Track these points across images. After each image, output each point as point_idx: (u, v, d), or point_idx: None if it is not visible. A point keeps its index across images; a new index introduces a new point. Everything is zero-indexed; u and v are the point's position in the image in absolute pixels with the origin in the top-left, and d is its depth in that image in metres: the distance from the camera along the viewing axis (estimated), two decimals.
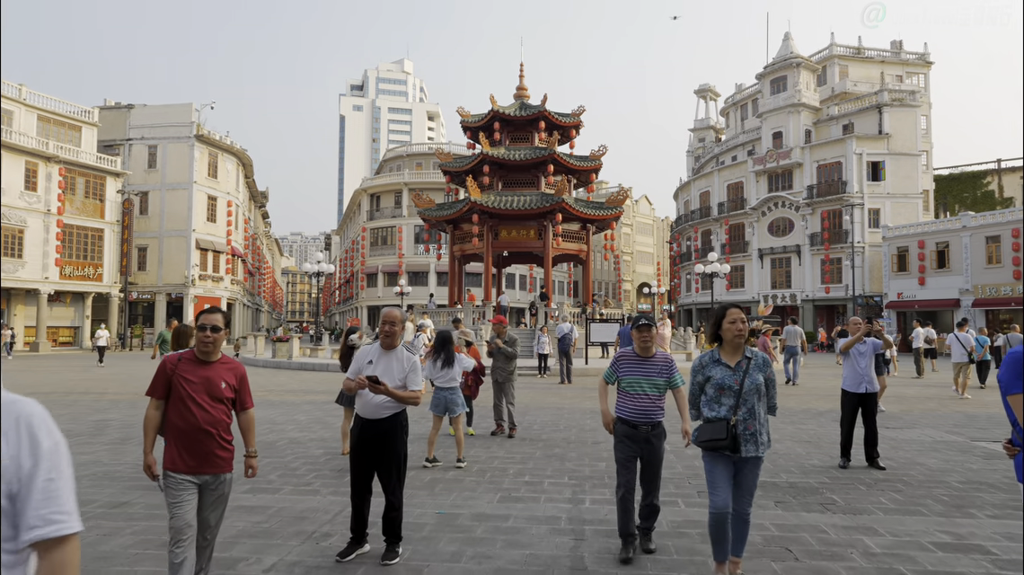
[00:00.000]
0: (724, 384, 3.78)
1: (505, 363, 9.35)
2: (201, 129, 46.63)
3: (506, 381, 9.29)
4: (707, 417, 3.83)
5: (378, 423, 4.27)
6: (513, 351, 9.36)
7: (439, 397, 7.39)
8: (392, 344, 4.43)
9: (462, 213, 27.17)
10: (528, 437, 9.09)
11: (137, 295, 45.12)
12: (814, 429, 9.94)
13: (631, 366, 4.41)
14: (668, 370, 4.41)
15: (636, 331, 4.41)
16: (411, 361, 4.40)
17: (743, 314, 3.87)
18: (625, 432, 4.41)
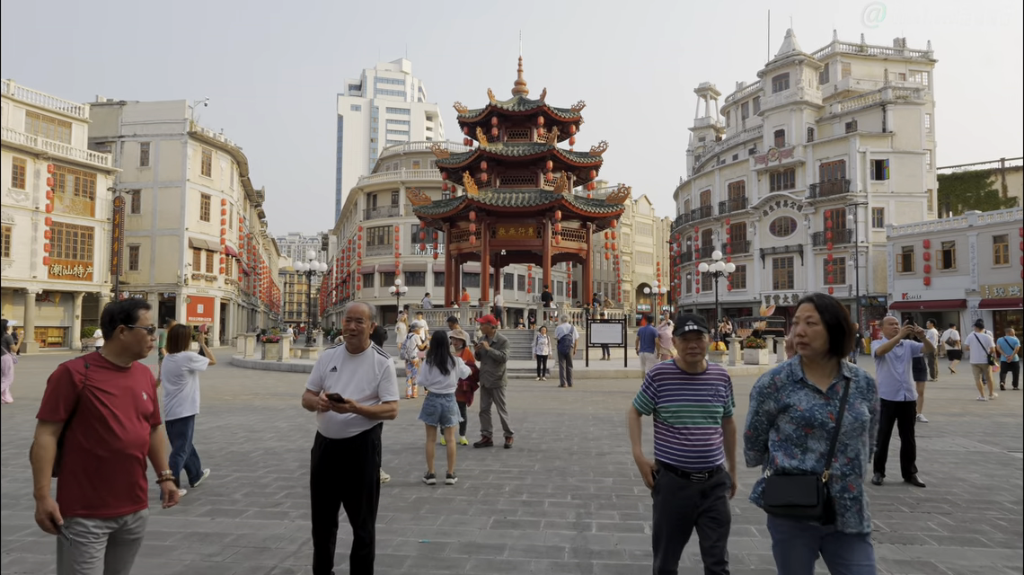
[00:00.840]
0: (813, 419, 2.49)
1: (493, 367, 8.57)
2: (194, 126, 45.89)
3: (495, 387, 8.53)
4: (783, 468, 2.52)
5: (343, 444, 3.52)
6: (502, 354, 8.57)
7: (434, 404, 6.65)
8: (359, 346, 3.67)
9: (459, 210, 26.43)
10: (526, 447, 8.34)
11: (129, 295, 44.21)
12: None
13: (675, 388, 3.13)
14: (726, 391, 3.19)
15: (681, 339, 3.11)
16: (384, 366, 3.65)
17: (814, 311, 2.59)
18: (672, 485, 3.10)
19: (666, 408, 3.15)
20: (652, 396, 3.21)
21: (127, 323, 2.80)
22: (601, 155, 27.91)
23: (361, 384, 3.55)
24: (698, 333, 3.10)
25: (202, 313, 46.49)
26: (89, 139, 43.54)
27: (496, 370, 8.54)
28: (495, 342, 8.64)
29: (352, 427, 3.51)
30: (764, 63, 50.49)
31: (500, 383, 8.55)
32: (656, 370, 3.25)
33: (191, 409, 6.21)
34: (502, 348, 8.60)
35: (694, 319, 3.13)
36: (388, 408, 3.58)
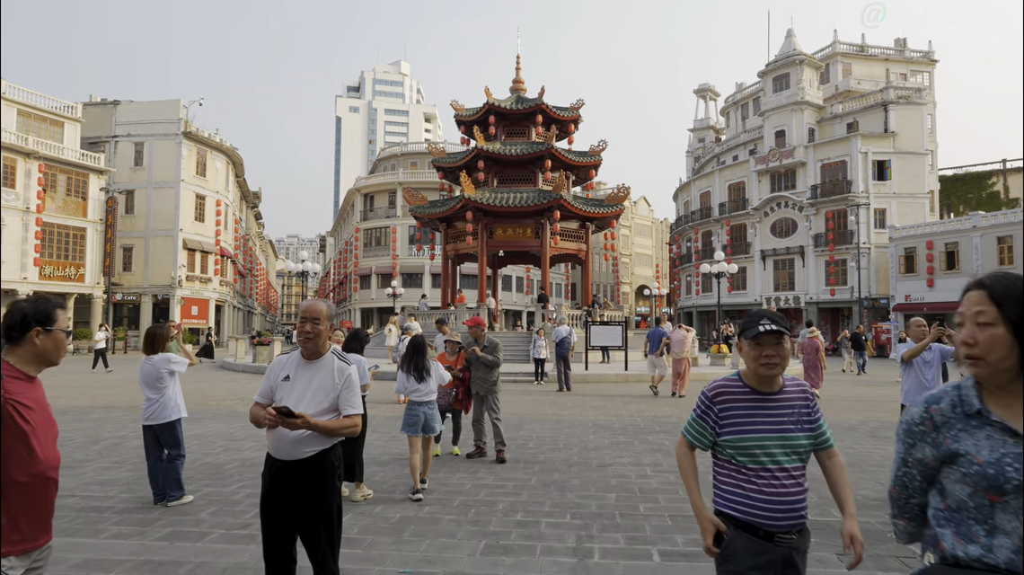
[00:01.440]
0: (1003, 478, 1.57)
1: (486, 372, 7.91)
2: (189, 126, 45.36)
3: (488, 393, 7.92)
4: (955, 557, 1.63)
5: (297, 466, 2.99)
6: (494, 358, 7.88)
7: (415, 414, 6.24)
8: (316, 350, 3.14)
9: (455, 210, 25.90)
10: (522, 458, 7.80)
11: (122, 296, 43.76)
12: (852, 447, 8.67)
13: (745, 413, 2.32)
14: (813, 413, 2.38)
15: (753, 344, 2.31)
16: (344, 374, 3.12)
17: (988, 304, 1.65)
18: (749, 549, 2.26)
19: (734, 442, 2.30)
20: (712, 424, 2.36)
21: (44, 325, 2.32)
22: (600, 154, 27.41)
23: (318, 395, 3.03)
24: (778, 335, 2.27)
25: (196, 315, 45.91)
26: (82, 139, 43.01)
27: (489, 375, 7.92)
28: (486, 346, 7.93)
29: (307, 446, 2.98)
30: (764, 63, 50.12)
31: (494, 389, 7.95)
32: (716, 388, 2.40)
33: (178, 412, 5.91)
34: (494, 352, 7.90)
35: (771, 317, 2.30)
36: (350, 423, 3.05)
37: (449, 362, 7.81)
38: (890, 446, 8.71)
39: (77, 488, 6.28)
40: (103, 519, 5.26)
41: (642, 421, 10.91)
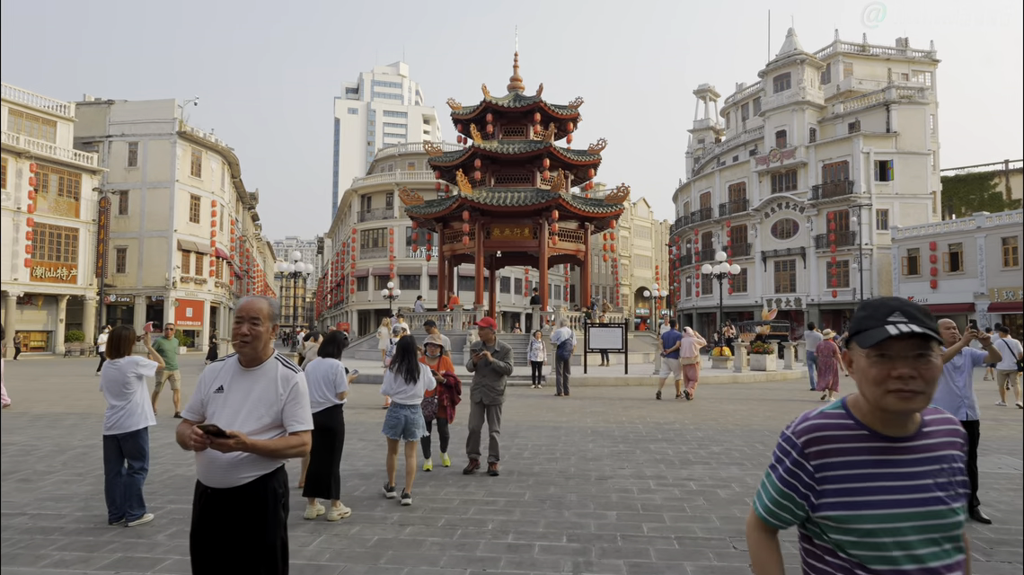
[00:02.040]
0: None
1: (494, 380, 7.14)
2: (184, 126, 44.86)
3: (493, 403, 7.13)
4: None
5: (231, 495, 2.48)
6: (507, 365, 7.08)
7: (397, 416, 6.00)
8: (255, 356, 2.60)
9: (452, 210, 25.41)
10: (515, 470, 7.28)
11: (116, 298, 43.22)
12: None
13: (860, 471, 1.44)
14: (962, 475, 1.49)
15: (877, 357, 1.43)
16: (291, 384, 2.59)
17: None
18: None
19: (842, 522, 1.43)
20: (804, 490, 1.48)
21: None
22: (600, 153, 26.93)
23: (257, 409, 2.51)
24: (924, 342, 1.40)
25: (191, 317, 45.40)
26: (76, 138, 42.51)
27: (497, 383, 7.15)
28: (497, 350, 7.15)
29: (243, 471, 2.47)
30: (765, 63, 49.66)
31: (500, 399, 7.20)
32: (810, 429, 1.50)
33: (145, 420, 5.42)
34: (506, 357, 7.12)
35: (907, 309, 1.44)
36: (297, 443, 2.53)
37: (432, 366, 7.25)
38: None
39: (29, 505, 5.76)
40: (48, 542, 4.75)
41: (643, 428, 10.40)
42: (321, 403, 5.53)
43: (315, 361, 5.78)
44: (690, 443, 9.01)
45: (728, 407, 13.36)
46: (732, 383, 18.78)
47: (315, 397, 5.54)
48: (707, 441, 9.19)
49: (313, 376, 5.60)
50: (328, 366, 5.66)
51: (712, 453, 8.27)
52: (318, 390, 5.55)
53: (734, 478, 6.89)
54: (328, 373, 5.62)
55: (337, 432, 5.62)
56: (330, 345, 5.92)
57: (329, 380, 5.60)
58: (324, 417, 5.49)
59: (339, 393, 5.63)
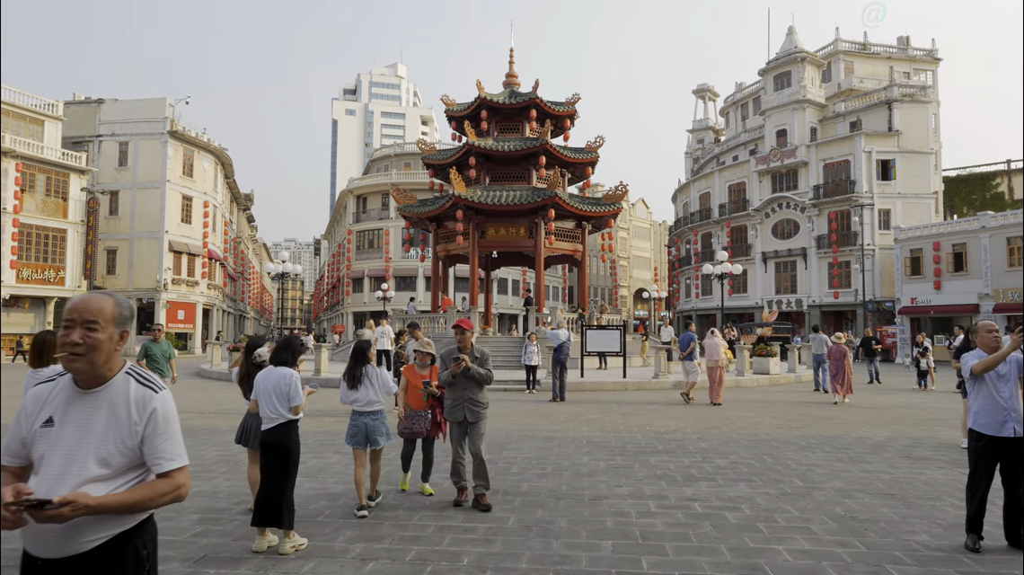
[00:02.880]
0: None
1: (475, 392, 5.93)
2: (175, 125, 44.17)
3: (477, 420, 5.91)
4: None
5: (71, 567, 1.79)
6: (487, 373, 5.91)
7: (356, 424, 5.76)
8: (93, 373, 1.91)
9: (445, 209, 24.73)
10: (501, 488, 6.58)
11: None
12: (886, 472, 7.46)
13: None
14: None
15: None
16: (148, 408, 1.91)
17: None
18: None
19: None
20: None
21: None
22: (597, 150, 26.25)
23: (104, 446, 1.84)
24: None
25: (183, 319, 44.68)
26: (65, 138, 41.82)
27: (480, 395, 5.96)
28: (477, 357, 5.95)
29: (88, 532, 1.78)
30: (765, 61, 49.04)
31: (484, 414, 5.99)
32: None
33: None
34: (485, 364, 5.96)
35: None
36: (167, 488, 1.87)
37: (422, 376, 6.27)
38: (933, 470, 7.51)
39: None
40: None
41: (643, 438, 9.70)
42: (273, 418, 4.84)
43: (266, 370, 5.05)
44: (693, 455, 8.32)
45: (732, 414, 12.67)
46: (734, 387, 18.10)
47: (265, 411, 4.86)
48: (711, 453, 8.50)
49: (263, 387, 4.90)
50: (280, 376, 4.92)
51: (717, 467, 7.58)
52: (268, 403, 4.85)
53: (743, 498, 6.20)
54: (280, 384, 4.88)
55: (291, 452, 4.88)
56: (283, 351, 5.12)
57: (281, 392, 4.86)
58: (276, 434, 4.82)
59: (293, 407, 4.87)
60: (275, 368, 5.01)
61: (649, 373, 19.85)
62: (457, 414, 5.91)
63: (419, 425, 6.23)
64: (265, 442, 4.86)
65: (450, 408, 5.96)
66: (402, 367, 6.91)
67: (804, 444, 9.21)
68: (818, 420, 11.79)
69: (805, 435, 10.05)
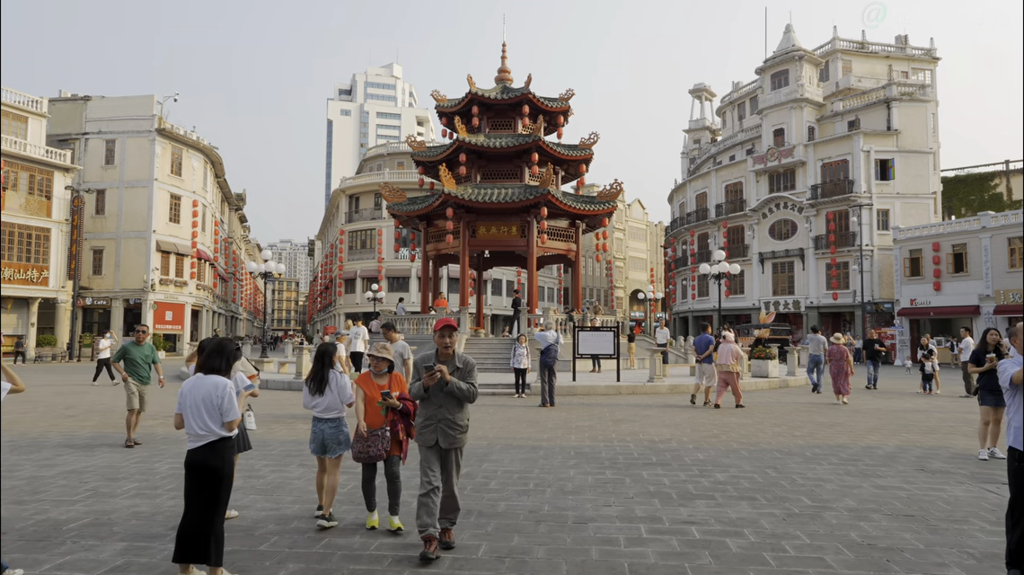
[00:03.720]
0: None
1: (455, 411, 4.69)
2: (163, 123, 43.39)
3: (454, 446, 4.70)
4: None
5: None
6: (470, 388, 4.68)
7: (315, 431, 5.49)
8: None
9: (434, 207, 24.03)
10: (475, 508, 5.89)
11: (92, 301, 41.69)
12: (902, 487, 6.79)
13: None
14: None
15: None
16: None
17: None
18: None
19: None
20: None
21: None
22: (591, 147, 25.58)
23: None
24: None
25: (171, 320, 43.89)
26: (51, 136, 41.08)
27: (459, 416, 4.72)
28: (460, 367, 4.72)
29: None
30: (762, 60, 48.48)
31: (463, 439, 4.78)
32: None
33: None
34: (469, 376, 4.73)
35: None
36: None
37: (380, 386, 5.25)
38: (952, 485, 6.84)
39: None
40: None
41: (635, 447, 9.03)
42: (201, 436, 4.08)
43: (194, 379, 4.24)
44: (689, 468, 7.64)
45: (731, 420, 12.01)
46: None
47: (192, 427, 4.11)
48: (709, 465, 7.83)
49: (190, 399, 4.13)
50: (212, 386, 4.14)
51: (716, 483, 6.90)
52: (197, 418, 4.10)
53: (745, 520, 5.53)
54: (211, 395, 4.11)
55: (223, 475, 4.11)
56: (215, 357, 4.30)
57: (212, 405, 4.10)
58: (204, 455, 4.08)
59: (227, 422, 4.11)
60: (205, 377, 4.21)
61: (644, 376, 19.19)
62: (428, 437, 4.68)
63: (377, 446, 5.19)
64: (192, 464, 4.11)
65: (420, 429, 4.75)
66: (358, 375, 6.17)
67: (809, 455, 8.55)
68: (822, 427, 11.13)
69: (810, 444, 9.39)
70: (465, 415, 4.78)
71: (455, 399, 4.67)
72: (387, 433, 5.20)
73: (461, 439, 4.75)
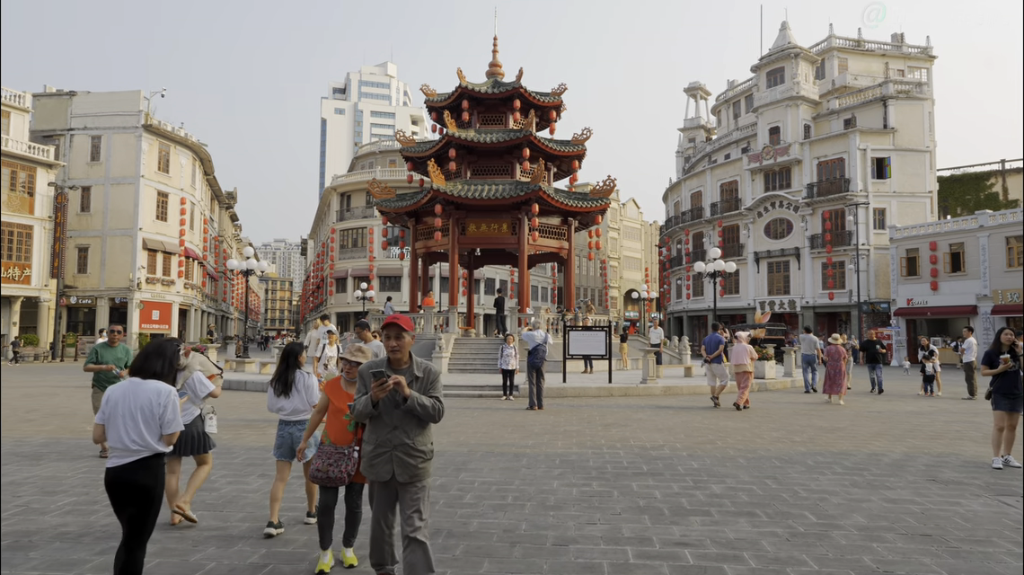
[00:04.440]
0: None
1: (414, 432, 3.60)
2: (150, 118, 42.60)
3: (413, 480, 3.58)
4: None
5: None
6: (431, 404, 3.53)
7: (282, 435, 5.24)
8: None
9: (423, 204, 23.41)
10: (444, 527, 5.29)
11: (77, 300, 40.90)
12: (915, 501, 6.21)
13: None
14: None
15: None
16: None
17: None
18: None
19: None
20: None
21: None
22: (584, 143, 25.00)
23: None
24: None
25: (157, 320, 43.11)
26: (35, 131, 40.33)
27: (419, 439, 3.60)
28: (420, 376, 3.64)
29: None
30: (758, 57, 48.02)
31: (425, 471, 3.62)
32: None
33: None
34: (432, 388, 3.63)
35: None
36: None
37: (349, 396, 4.41)
38: (969, 498, 6.27)
39: None
40: None
41: (625, 455, 8.44)
42: (135, 451, 3.39)
43: (126, 384, 3.54)
44: (683, 479, 7.06)
45: (727, 424, 11.44)
46: (729, 393, 16.88)
47: (122, 439, 3.40)
48: (704, 475, 7.25)
49: (122, 406, 3.43)
50: (152, 393, 3.48)
51: (712, 496, 6.32)
52: (130, 430, 3.39)
53: (745, 540, 4.95)
54: (151, 404, 3.46)
55: (154, 496, 3.46)
56: (155, 360, 3.63)
57: (152, 415, 3.44)
58: (134, 472, 3.39)
59: (168, 435, 3.48)
60: (142, 382, 3.54)
61: (636, 377, 18.62)
62: (381, 469, 3.54)
63: (339, 467, 4.20)
64: (117, 483, 3.39)
65: (370, 459, 3.58)
66: None
67: (811, 463, 7.98)
68: (822, 432, 10.57)
69: (811, 451, 8.82)
70: (428, 438, 3.64)
71: (414, 418, 3.54)
72: (355, 454, 4.21)
73: (424, 469, 3.58)
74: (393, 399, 3.48)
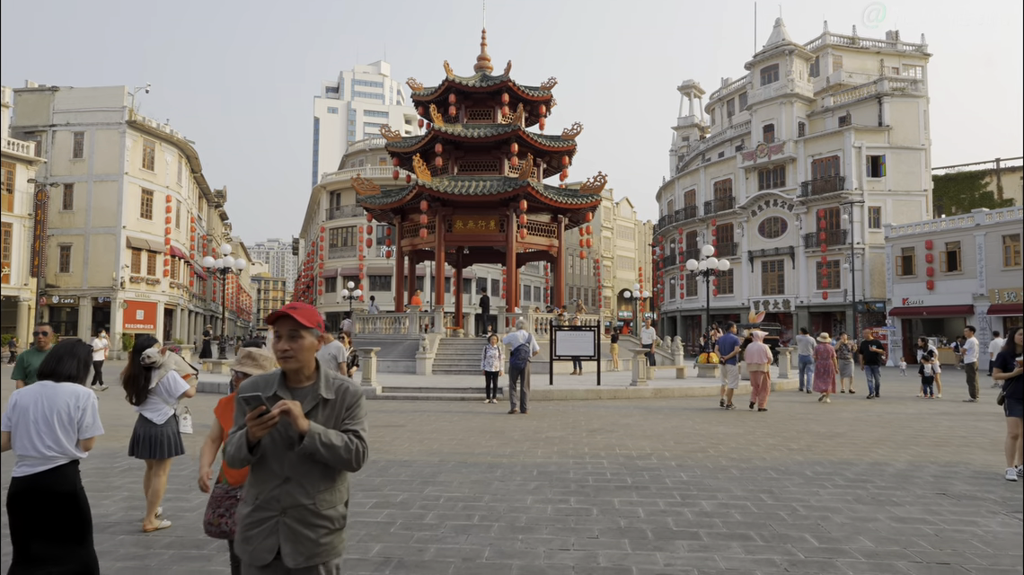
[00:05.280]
0: None
1: (310, 489, 2.21)
2: (134, 115, 41.78)
3: (313, 564, 2.19)
4: None
5: None
6: (344, 444, 2.16)
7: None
8: None
9: (408, 200, 22.77)
10: (395, 554, 4.63)
11: (59, 299, 40.06)
12: (926, 519, 5.59)
13: None
14: None
15: None
16: None
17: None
18: None
19: None
20: None
21: None
22: (575, 139, 24.42)
23: None
24: None
25: (142, 319, 42.29)
26: (16, 127, 39.48)
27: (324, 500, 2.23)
28: (333, 398, 2.26)
29: None
30: (752, 55, 47.52)
31: (334, 547, 2.25)
32: None
33: None
34: (351, 417, 2.26)
35: None
36: None
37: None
38: (984, 515, 5.65)
39: None
40: None
41: (609, 465, 7.81)
42: (51, 457, 3.11)
43: (37, 388, 3.22)
44: (669, 494, 6.43)
45: (719, 430, 10.82)
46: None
47: (35, 447, 3.09)
48: (693, 489, 6.63)
49: (34, 411, 3.15)
50: (69, 396, 3.20)
51: (701, 515, 5.69)
52: (44, 435, 3.10)
53: (737, 571, 4.32)
54: (68, 408, 3.17)
55: (80, 499, 3.16)
56: (68, 361, 3.30)
57: (69, 419, 3.16)
58: (50, 480, 3.09)
59: (87, 440, 3.22)
60: (56, 385, 3.23)
61: (627, 379, 18.01)
62: (260, 545, 2.20)
63: (234, 517, 2.89)
64: (29, 491, 3.05)
65: (245, 529, 2.24)
66: None
67: (810, 474, 7.36)
68: (821, 439, 9.96)
69: (809, 460, 8.21)
70: (339, 496, 2.29)
71: (317, 466, 2.21)
72: None
73: (329, 546, 2.23)
74: (284, 436, 2.16)
